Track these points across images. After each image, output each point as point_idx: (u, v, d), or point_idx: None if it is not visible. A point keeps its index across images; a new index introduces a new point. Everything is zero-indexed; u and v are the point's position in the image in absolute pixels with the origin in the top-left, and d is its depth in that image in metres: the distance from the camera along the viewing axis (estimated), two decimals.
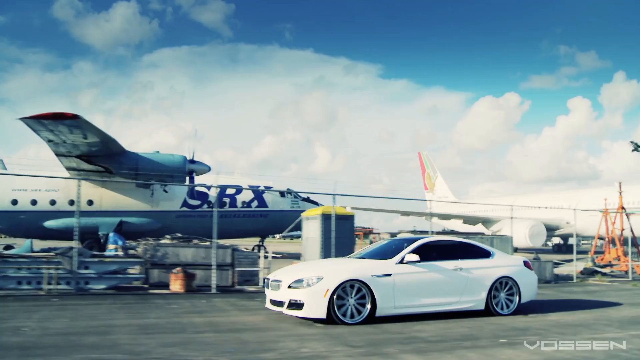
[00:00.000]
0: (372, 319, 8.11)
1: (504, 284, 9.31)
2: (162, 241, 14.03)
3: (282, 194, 25.54)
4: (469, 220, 40.71)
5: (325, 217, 14.51)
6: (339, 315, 7.90)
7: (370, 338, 7.03)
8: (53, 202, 22.78)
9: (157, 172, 20.73)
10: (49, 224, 22.82)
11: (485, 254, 9.60)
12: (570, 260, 19.28)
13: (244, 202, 25.34)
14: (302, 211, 25.58)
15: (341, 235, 14.30)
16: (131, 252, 14.74)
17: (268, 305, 8.67)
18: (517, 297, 9.36)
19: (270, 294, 8.61)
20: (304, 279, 8.08)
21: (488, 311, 9.09)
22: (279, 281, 8.38)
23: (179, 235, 14.91)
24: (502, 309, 9.20)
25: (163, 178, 20.46)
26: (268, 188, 25.30)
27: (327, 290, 7.88)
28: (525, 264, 9.87)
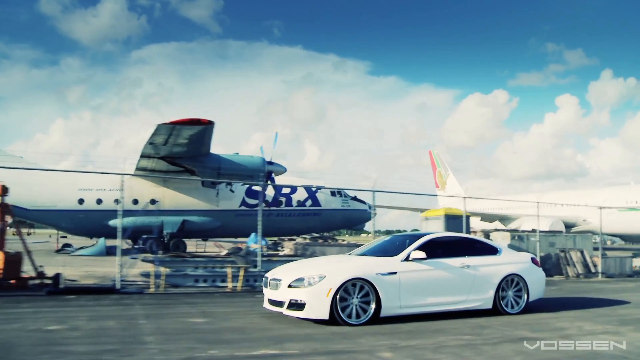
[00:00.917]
0: (377, 319, 7.72)
1: (511, 282, 8.95)
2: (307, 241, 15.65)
3: (332, 193, 26.10)
4: (486, 217, 40.77)
5: (447, 217, 16.50)
6: (343, 316, 7.50)
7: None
8: (117, 201, 22.64)
9: (238, 172, 21.33)
10: (114, 222, 22.51)
11: (492, 251, 9.23)
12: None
13: (298, 201, 26.05)
14: (353, 209, 26.39)
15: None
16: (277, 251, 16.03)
17: (266, 305, 8.25)
18: (526, 296, 9.01)
19: (268, 294, 8.18)
20: (305, 277, 7.66)
21: (496, 310, 8.73)
22: (279, 280, 7.95)
23: (315, 234, 16.54)
24: (510, 307, 8.85)
25: (243, 178, 21.14)
26: (320, 188, 25.68)
27: (330, 289, 7.47)
28: (533, 260, 9.52)
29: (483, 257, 8.95)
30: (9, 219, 12.24)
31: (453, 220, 16.55)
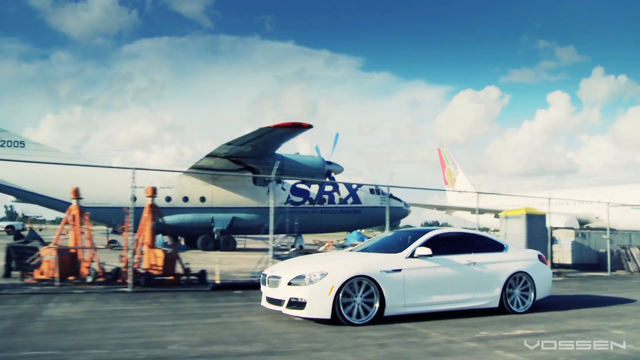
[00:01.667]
0: (380, 318, 7.38)
1: (518, 280, 8.65)
2: None
3: (371, 191, 26.95)
4: (497, 215, 40.62)
5: (529, 217, 16.87)
6: (345, 316, 7.14)
7: None
8: (168, 199, 23.20)
9: (300, 172, 22.07)
10: (165, 219, 23.90)
11: (499, 247, 8.91)
12: None
13: (340, 199, 26.82)
14: (391, 207, 27.40)
15: (536, 232, 16.81)
16: None
17: (264, 303, 7.88)
18: (533, 294, 8.71)
19: (267, 291, 7.81)
20: (306, 275, 7.29)
21: (502, 309, 8.42)
22: (278, 277, 7.58)
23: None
24: (517, 306, 8.54)
25: (304, 177, 22.08)
26: (359, 186, 26.70)
27: (332, 287, 7.11)
28: (540, 257, 9.22)
29: (489, 254, 8.63)
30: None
31: (534, 220, 17.06)
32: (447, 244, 8.48)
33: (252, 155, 21.82)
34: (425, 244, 8.04)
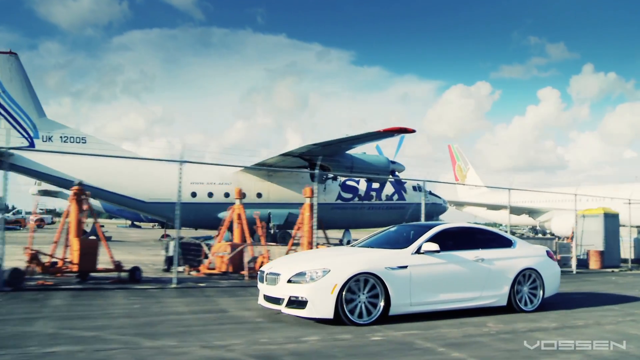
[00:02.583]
0: (385, 318, 6.97)
1: (527, 277, 8.28)
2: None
3: (414, 187, 27.98)
4: (514, 210, 40.65)
5: (606, 216, 18.26)
6: (349, 315, 6.72)
7: None
8: (227, 195, 23.98)
9: (368, 170, 23.05)
10: (223, 214, 24.24)
11: (507, 243, 8.53)
12: None
13: (387, 196, 27.70)
14: (432, 203, 28.13)
15: (611, 230, 18.33)
16: None
17: (261, 301, 7.44)
18: (541, 291, 8.35)
19: (264, 289, 7.36)
20: (307, 271, 6.85)
21: (510, 307, 8.05)
22: (277, 274, 7.13)
23: None
24: (525, 304, 8.18)
25: (371, 174, 23.13)
26: (403, 183, 27.70)
27: (335, 285, 6.68)
28: (548, 254, 8.86)
29: (497, 249, 8.25)
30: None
31: (610, 219, 18.50)
32: (454, 239, 8.08)
33: (327, 155, 22.45)
34: (432, 239, 7.63)
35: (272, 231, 24.22)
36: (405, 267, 7.18)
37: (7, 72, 20.97)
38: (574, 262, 16.82)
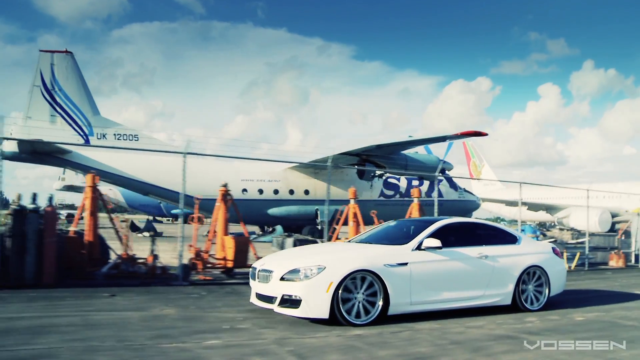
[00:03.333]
0: (383, 317, 6.59)
1: (532, 275, 7.90)
2: None
3: (451, 185, 28.86)
4: (532, 207, 41.04)
5: None
6: (345, 315, 6.33)
7: None
8: (276, 192, 24.70)
9: (420, 168, 23.78)
10: (272, 211, 24.97)
11: (511, 239, 8.14)
12: None
13: (426, 193, 27.91)
14: (467, 200, 29.88)
15: None
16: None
17: (253, 300, 7.05)
18: (547, 290, 7.97)
19: (256, 287, 6.97)
20: (301, 268, 6.45)
21: (515, 306, 7.68)
22: (269, 271, 6.73)
23: None
24: (531, 303, 7.80)
25: (423, 173, 23.91)
26: (440, 181, 28.45)
27: (331, 283, 6.29)
28: (554, 250, 8.48)
29: (502, 246, 7.86)
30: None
31: None
32: (456, 234, 7.69)
33: (384, 154, 23.31)
34: (433, 235, 7.24)
35: (319, 227, 24.79)
36: (405, 264, 6.80)
37: (63, 71, 21.24)
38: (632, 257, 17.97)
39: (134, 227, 23.10)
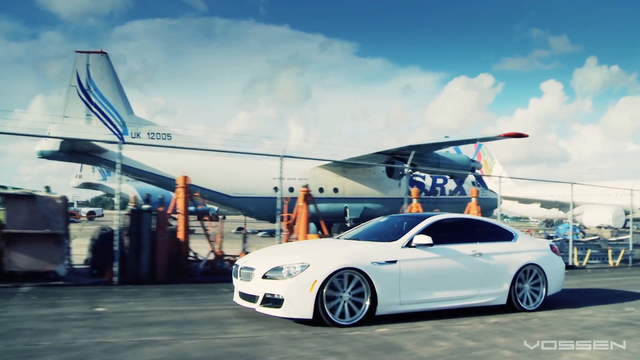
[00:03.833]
0: (371, 318, 6.28)
1: (529, 273, 7.57)
2: None
3: (473, 183, 29.05)
4: (545, 204, 41.49)
5: None
6: (329, 315, 6.03)
7: None
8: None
9: (452, 167, 24.43)
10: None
11: (507, 236, 7.81)
12: None
13: (450, 191, 28.85)
14: (488, 198, 29.49)
15: None
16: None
17: (236, 299, 6.74)
18: (544, 289, 7.64)
19: (239, 285, 6.67)
20: (284, 266, 6.15)
21: (510, 306, 7.36)
22: (251, 269, 6.43)
23: None
24: (527, 303, 7.48)
25: (454, 172, 24.64)
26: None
27: (315, 281, 5.99)
28: (552, 248, 8.15)
29: (497, 243, 7.54)
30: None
31: None
32: (449, 231, 7.38)
33: (418, 153, 23.65)
34: (424, 232, 6.92)
35: (348, 224, 24.98)
36: (394, 262, 6.48)
37: (98, 71, 21.72)
38: None
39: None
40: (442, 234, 7.21)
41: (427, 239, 6.70)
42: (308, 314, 5.96)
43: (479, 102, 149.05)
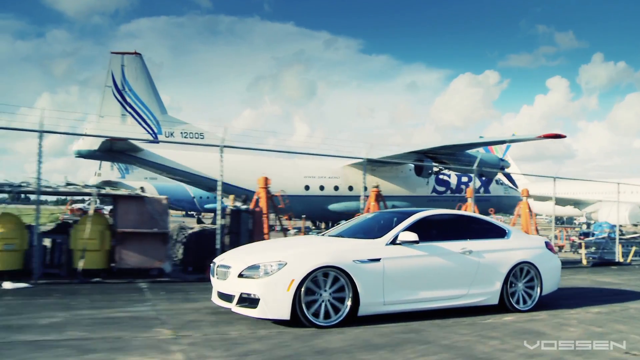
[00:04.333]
0: (354, 318, 5.98)
1: (522, 272, 7.24)
2: None
3: (496, 181, 29.75)
4: (559, 202, 41.24)
5: None
6: (308, 315, 5.72)
7: None
8: (336, 188, 25.51)
9: (483, 166, 24.66)
10: (333, 206, 25.50)
11: (500, 233, 7.48)
12: None
13: (475, 189, 28.32)
14: (511, 196, 30.50)
15: None
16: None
17: (215, 299, 6.45)
18: (538, 288, 7.30)
19: (217, 285, 6.38)
20: (261, 264, 5.86)
21: (502, 306, 7.03)
22: (227, 267, 6.14)
23: None
24: (520, 303, 7.15)
25: (485, 170, 24.61)
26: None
27: (292, 280, 5.69)
28: (547, 245, 7.81)
29: (488, 240, 7.20)
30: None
31: None
32: (438, 228, 7.07)
33: (451, 153, 24.28)
34: (410, 228, 6.60)
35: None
36: (378, 260, 6.17)
37: (132, 72, 22.16)
38: None
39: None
40: (431, 230, 6.90)
41: (412, 236, 6.38)
42: (285, 314, 5.67)
43: (484, 99, 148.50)
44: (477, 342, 5.38)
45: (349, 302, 5.94)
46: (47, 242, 9.96)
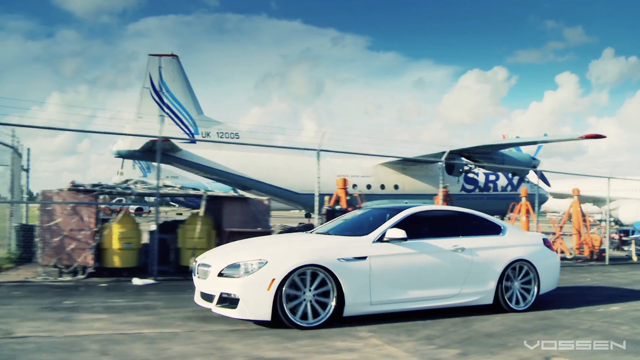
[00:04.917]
0: (339, 319, 5.73)
1: (518, 270, 6.96)
2: None
3: (525, 180, 29.96)
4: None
5: None
6: (290, 316, 5.49)
7: None
8: (369, 186, 25.40)
9: (516, 164, 25.46)
10: (365, 205, 25.49)
11: (494, 229, 7.19)
12: None
13: (502, 187, 29.90)
14: (537, 194, 29.74)
15: None
16: None
17: (197, 299, 6.22)
18: (535, 288, 7.02)
19: (198, 284, 6.16)
20: (241, 263, 5.63)
21: (497, 306, 6.75)
22: (208, 266, 5.92)
23: None
24: (516, 303, 6.86)
25: (517, 169, 25.56)
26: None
27: (273, 280, 5.46)
28: (545, 242, 7.51)
29: (482, 237, 6.92)
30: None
31: None
32: (429, 224, 6.81)
33: (485, 152, 24.47)
34: (398, 225, 6.32)
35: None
36: (364, 258, 5.92)
37: (170, 73, 22.56)
38: None
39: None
40: (421, 227, 6.65)
41: (400, 233, 6.12)
42: (266, 315, 5.44)
43: (492, 96, 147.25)
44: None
45: (333, 302, 5.69)
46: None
